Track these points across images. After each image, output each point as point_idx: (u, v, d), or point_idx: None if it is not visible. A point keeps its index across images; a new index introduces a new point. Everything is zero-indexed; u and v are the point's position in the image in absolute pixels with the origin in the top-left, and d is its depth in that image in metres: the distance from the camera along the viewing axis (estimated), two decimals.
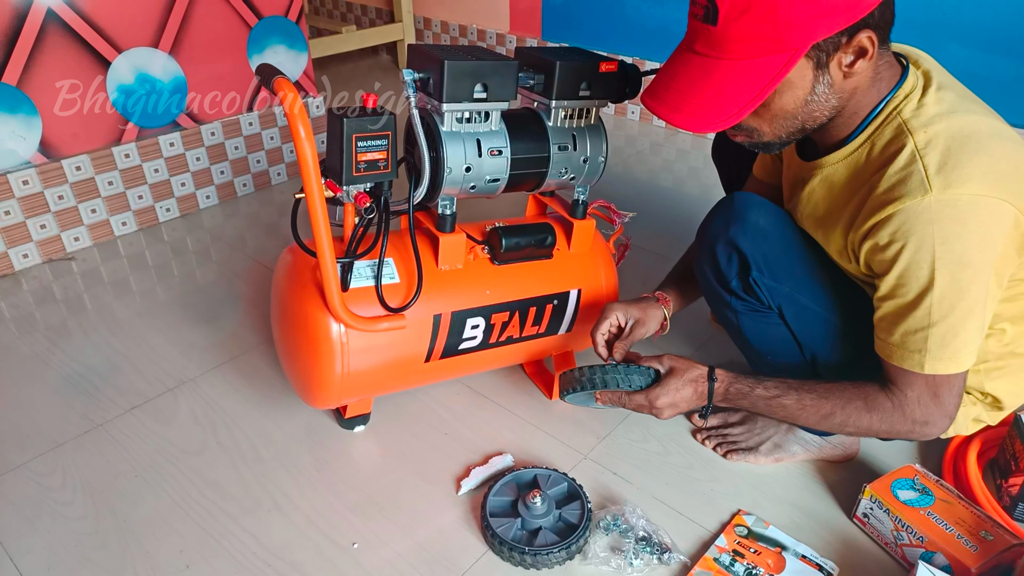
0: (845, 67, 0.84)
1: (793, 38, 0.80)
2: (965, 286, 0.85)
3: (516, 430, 1.29)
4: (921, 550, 0.99)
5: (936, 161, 0.83)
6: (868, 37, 0.82)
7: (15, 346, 1.51)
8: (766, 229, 1.02)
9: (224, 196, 2.12)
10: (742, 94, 0.84)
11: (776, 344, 1.08)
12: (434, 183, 1.09)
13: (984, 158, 0.83)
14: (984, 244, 0.84)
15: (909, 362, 0.90)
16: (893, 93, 0.90)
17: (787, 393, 0.99)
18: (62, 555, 1.05)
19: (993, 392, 1.04)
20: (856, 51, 0.83)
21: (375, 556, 1.05)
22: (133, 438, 1.26)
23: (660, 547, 1.03)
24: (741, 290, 1.04)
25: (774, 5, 0.78)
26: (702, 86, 0.85)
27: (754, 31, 0.80)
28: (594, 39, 2.79)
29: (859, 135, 0.92)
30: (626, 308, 1.16)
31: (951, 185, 0.82)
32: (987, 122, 0.87)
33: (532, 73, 1.14)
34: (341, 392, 1.14)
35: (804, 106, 0.87)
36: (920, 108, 0.88)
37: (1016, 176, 0.84)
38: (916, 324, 0.88)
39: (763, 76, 0.82)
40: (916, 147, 0.85)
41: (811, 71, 0.84)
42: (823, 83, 0.85)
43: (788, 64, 0.81)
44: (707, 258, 1.06)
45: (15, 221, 1.73)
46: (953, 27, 2.01)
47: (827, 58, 0.83)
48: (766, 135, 0.92)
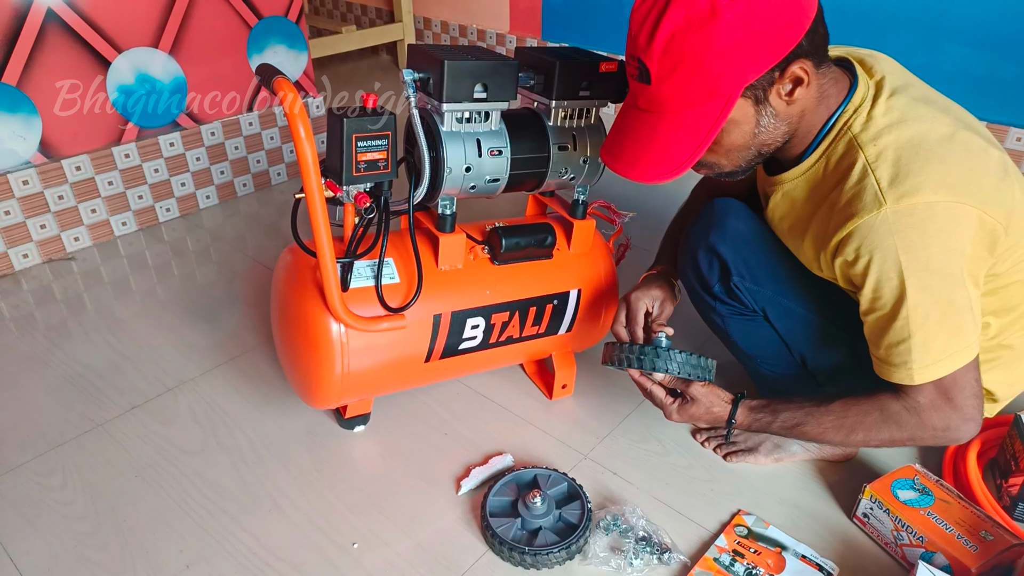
0: (785, 96, 0.86)
1: (724, 86, 0.83)
2: (936, 291, 0.85)
3: (516, 430, 1.29)
4: (921, 550, 0.99)
5: (888, 174, 0.84)
6: (801, 68, 0.84)
7: (15, 346, 1.51)
8: (746, 234, 1.04)
9: (224, 196, 2.12)
10: (688, 142, 0.87)
11: (764, 346, 1.10)
12: (434, 183, 1.09)
13: (935, 165, 0.83)
14: (949, 249, 0.84)
15: (898, 376, 0.91)
16: (843, 107, 0.91)
17: (806, 421, 0.99)
18: (62, 555, 1.05)
19: (986, 385, 1.04)
20: (792, 80, 0.85)
21: (375, 556, 1.05)
22: (133, 438, 1.26)
23: (660, 547, 1.03)
24: (724, 294, 1.06)
25: (699, 60, 0.81)
26: (650, 140, 0.89)
27: (686, 86, 0.83)
28: (594, 39, 2.79)
29: (813, 151, 0.94)
30: (648, 293, 1.15)
31: (904, 196, 0.83)
32: (937, 128, 0.86)
33: (532, 73, 1.14)
34: (341, 392, 1.14)
35: (754, 138, 0.90)
36: (869, 121, 0.88)
37: (972, 178, 0.84)
38: (896, 336, 0.89)
39: (704, 124, 0.85)
40: (867, 161, 0.86)
41: (751, 107, 0.86)
42: (767, 115, 0.87)
43: (725, 109, 0.84)
44: (690, 264, 1.09)
45: (15, 221, 1.73)
46: (953, 27, 2.01)
47: (764, 93, 0.85)
48: (725, 167, 0.94)
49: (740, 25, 0.78)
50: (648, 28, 0.82)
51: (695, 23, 0.79)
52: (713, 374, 1.04)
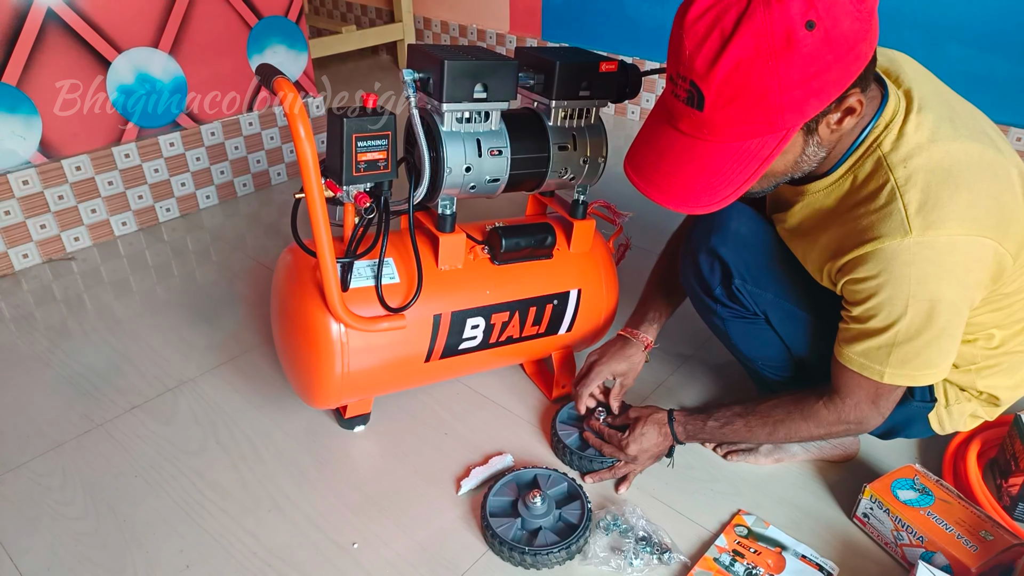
0: (834, 125, 0.82)
1: (785, 120, 0.77)
2: (934, 318, 0.86)
3: (516, 430, 1.29)
4: (921, 550, 0.99)
5: (916, 200, 0.82)
6: (857, 100, 0.79)
7: (15, 346, 1.51)
8: (747, 237, 1.04)
9: (224, 196, 2.12)
10: (735, 176, 0.81)
11: (765, 349, 1.10)
12: (434, 183, 1.09)
13: (964, 195, 0.81)
14: (959, 282, 0.84)
15: (868, 371, 0.92)
16: (874, 122, 0.87)
17: (734, 420, 1.07)
18: (62, 555, 1.05)
19: (987, 389, 1.04)
20: (844, 111, 0.80)
21: (375, 556, 1.05)
22: (133, 438, 1.26)
23: (660, 547, 1.03)
24: (725, 297, 1.06)
25: (764, 93, 0.74)
26: (691, 168, 0.83)
27: (743, 118, 0.77)
28: (594, 39, 2.79)
29: (841, 165, 0.91)
30: (611, 365, 1.21)
31: (931, 227, 0.81)
32: (968, 148, 0.84)
33: (532, 73, 1.14)
34: (341, 392, 1.14)
35: (795, 166, 0.87)
36: (899, 140, 0.85)
37: (997, 208, 0.83)
38: (880, 343, 0.89)
39: (755, 157, 0.80)
40: (896, 184, 0.83)
41: (801, 139, 0.82)
42: (813, 144, 0.84)
43: (780, 144, 0.79)
44: (691, 266, 1.08)
45: (15, 221, 1.73)
46: (953, 27, 2.01)
47: (816, 125, 0.81)
48: (755, 191, 0.90)
49: (814, 59, 0.72)
50: (709, 53, 0.74)
51: (766, 54, 0.72)
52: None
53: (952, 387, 1.06)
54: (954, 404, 1.06)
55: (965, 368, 1.02)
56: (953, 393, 1.06)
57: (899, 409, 0.99)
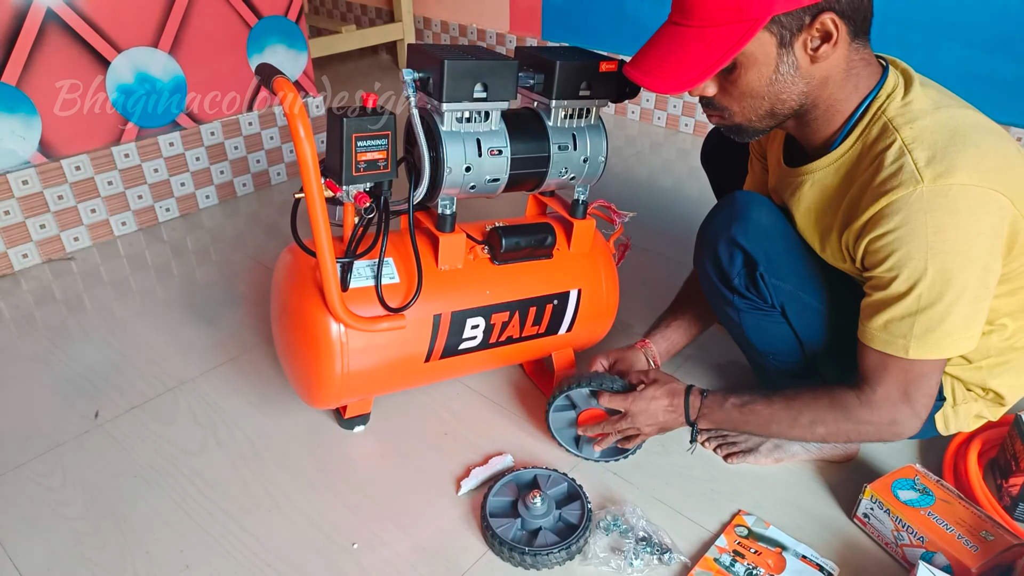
0: (811, 50, 0.86)
1: (753, 8, 0.82)
2: (954, 274, 0.85)
3: (516, 430, 1.28)
4: (921, 550, 0.99)
5: (925, 155, 0.84)
6: (831, 19, 0.83)
7: (15, 346, 1.51)
8: (768, 227, 1.02)
9: (224, 196, 2.12)
10: (703, 59, 0.86)
11: (777, 341, 1.08)
12: (434, 183, 1.09)
13: (972, 150, 0.84)
14: (976, 234, 0.85)
15: (893, 347, 0.91)
16: (875, 92, 0.91)
17: (756, 402, 1.04)
18: (62, 555, 1.05)
19: (996, 388, 1.05)
20: (821, 34, 0.85)
21: (375, 556, 1.05)
22: (133, 438, 1.26)
23: (660, 547, 1.03)
24: (743, 288, 1.04)
25: None
26: (672, 52, 0.89)
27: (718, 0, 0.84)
28: (594, 39, 2.79)
29: (846, 138, 0.93)
30: (605, 354, 1.23)
31: (941, 176, 0.83)
32: (972, 116, 0.89)
33: (532, 73, 1.14)
34: (341, 392, 1.14)
35: (770, 85, 0.89)
36: (905, 105, 0.89)
37: (1006, 167, 0.85)
38: (903, 311, 0.89)
39: (723, 43, 0.85)
40: (904, 143, 0.86)
41: (774, 48, 0.85)
42: (787, 63, 0.87)
43: (747, 33, 0.83)
44: (709, 256, 1.06)
45: (15, 221, 1.73)
46: (953, 27, 2.01)
47: (791, 37, 0.85)
48: (736, 115, 0.94)
49: None
50: None
51: None
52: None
53: (959, 386, 1.06)
54: (960, 404, 1.06)
55: (978, 364, 1.03)
56: (960, 392, 1.06)
57: None
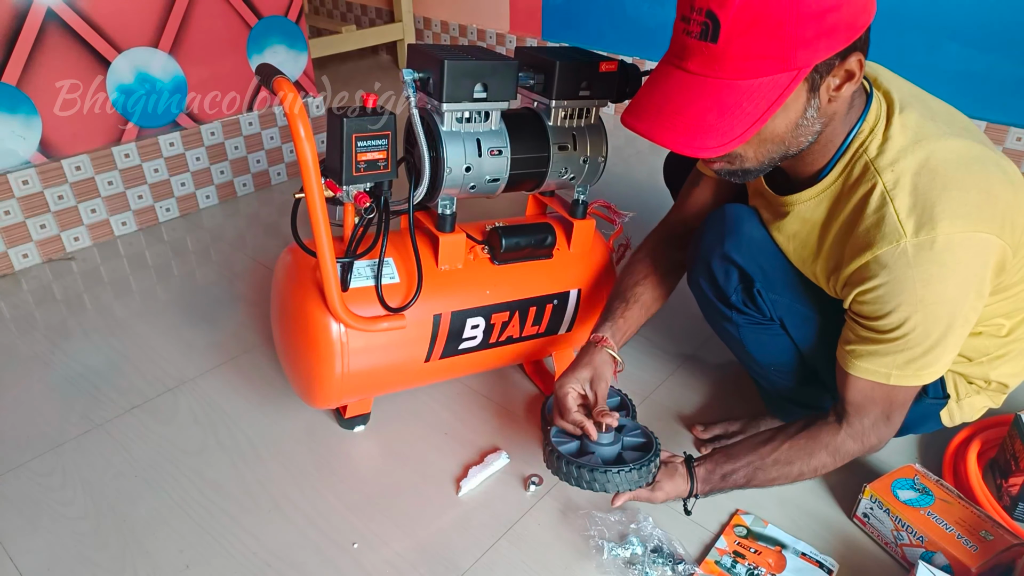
0: (832, 91, 0.81)
1: (799, 57, 0.75)
2: (942, 319, 0.85)
3: (516, 430, 1.28)
4: (921, 550, 0.99)
5: (906, 204, 0.82)
6: (858, 60, 0.78)
7: (15, 346, 1.51)
8: (760, 240, 1.02)
9: (224, 196, 2.12)
10: (744, 116, 0.78)
11: (778, 353, 1.08)
12: (434, 183, 1.09)
13: (953, 193, 0.81)
14: (965, 280, 0.84)
15: (876, 376, 0.91)
16: (859, 125, 0.88)
17: (748, 464, 1.00)
18: (62, 555, 1.05)
19: (998, 378, 1.05)
20: (845, 74, 0.79)
21: (375, 556, 1.05)
22: (133, 438, 1.26)
23: (673, 558, 1.03)
24: (741, 304, 1.04)
25: (781, 22, 0.73)
26: (698, 105, 0.79)
27: (757, 49, 0.75)
28: (594, 39, 2.79)
29: (830, 172, 0.91)
30: (575, 376, 1.05)
31: (923, 227, 0.81)
32: (953, 145, 0.84)
33: (532, 73, 1.14)
34: (341, 392, 1.14)
35: (794, 130, 0.83)
36: (885, 144, 0.85)
37: (988, 203, 0.83)
38: (889, 348, 0.89)
39: (766, 97, 0.77)
40: (885, 189, 0.84)
41: (805, 93, 0.80)
42: (812, 107, 0.82)
43: (791, 84, 0.77)
44: (703, 273, 1.05)
45: (15, 221, 1.73)
46: (953, 27, 2.01)
47: (820, 80, 0.79)
48: (749, 161, 0.87)
49: None
50: None
51: None
52: (657, 465, 1.00)
53: (961, 380, 1.06)
54: (964, 399, 1.07)
55: (978, 360, 1.03)
56: (963, 387, 1.07)
57: (913, 408, 0.98)
